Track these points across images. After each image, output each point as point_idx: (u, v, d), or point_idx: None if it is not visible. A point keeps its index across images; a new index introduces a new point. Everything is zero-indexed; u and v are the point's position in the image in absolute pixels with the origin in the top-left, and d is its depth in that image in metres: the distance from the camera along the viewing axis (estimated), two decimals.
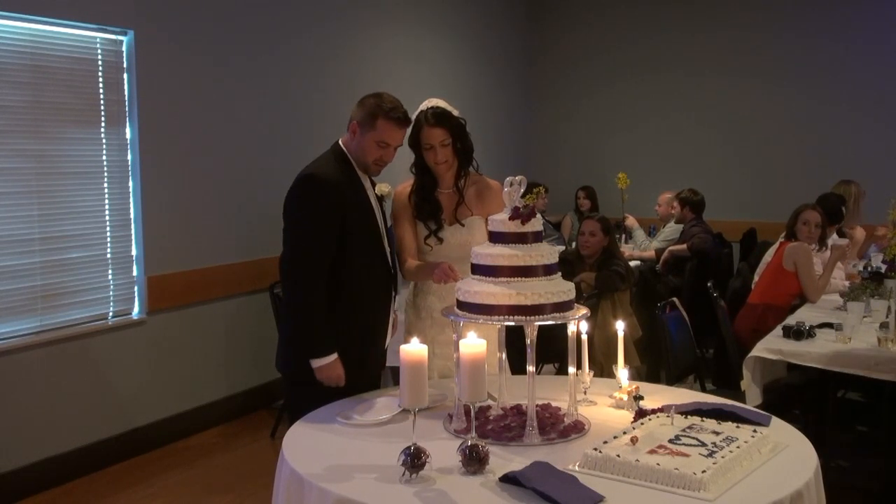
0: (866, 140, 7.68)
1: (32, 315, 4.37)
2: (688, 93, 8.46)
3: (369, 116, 2.85)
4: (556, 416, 2.52)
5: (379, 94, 2.91)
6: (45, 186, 4.41)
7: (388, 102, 2.87)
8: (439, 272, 2.83)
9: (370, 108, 2.86)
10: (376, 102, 2.87)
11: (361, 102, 2.91)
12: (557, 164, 9.08)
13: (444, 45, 7.73)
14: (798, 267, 4.88)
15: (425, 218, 3.10)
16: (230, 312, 5.43)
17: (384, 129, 2.85)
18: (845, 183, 6.44)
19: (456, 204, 3.10)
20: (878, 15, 7.71)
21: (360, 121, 2.87)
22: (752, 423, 2.41)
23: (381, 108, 2.85)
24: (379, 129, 2.85)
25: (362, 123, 2.87)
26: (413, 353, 2.09)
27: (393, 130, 2.87)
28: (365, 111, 2.87)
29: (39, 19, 4.35)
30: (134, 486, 4.46)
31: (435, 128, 3.00)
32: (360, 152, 2.90)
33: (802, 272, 4.87)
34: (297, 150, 5.69)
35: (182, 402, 5.15)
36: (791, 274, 4.89)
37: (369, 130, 2.86)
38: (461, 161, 3.10)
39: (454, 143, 3.04)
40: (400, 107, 2.89)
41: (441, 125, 3.01)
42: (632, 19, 8.74)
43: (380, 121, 2.84)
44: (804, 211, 5.13)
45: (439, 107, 3.04)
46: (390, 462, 2.13)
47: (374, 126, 2.85)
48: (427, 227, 3.09)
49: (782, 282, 4.91)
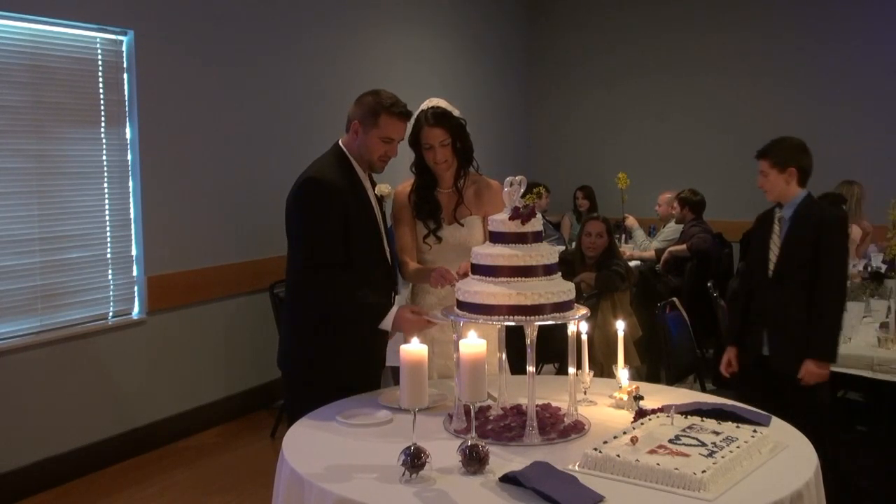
0: (867, 140, 7.67)
1: (32, 315, 4.37)
2: (688, 93, 8.46)
3: (371, 114, 2.85)
4: (556, 416, 2.52)
5: (377, 92, 2.91)
6: (45, 186, 4.41)
7: (388, 98, 2.88)
8: (436, 276, 2.83)
9: (371, 106, 2.86)
10: (376, 100, 2.87)
11: (360, 101, 2.91)
12: (557, 164, 9.08)
13: (443, 44, 7.73)
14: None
15: (424, 217, 3.10)
16: (230, 312, 5.43)
17: (387, 124, 2.86)
18: (848, 183, 6.44)
19: (455, 203, 3.11)
20: (879, 15, 7.71)
21: (362, 119, 2.87)
22: (752, 423, 2.41)
23: (382, 105, 2.85)
24: (382, 125, 2.85)
25: (364, 122, 2.87)
26: (413, 353, 2.09)
27: (396, 125, 2.88)
28: (365, 109, 2.87)
29: (39, 19, 4.35)
30: (134, 486, 4.46)
31: (435, 128, 3.01)
32: (364, 150, 2.90)
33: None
34: (297, 150, 5.69)
35: (182, 402, 5.15)
36: None
37: (372, 128, 2.86)
38: (461, 161, 3.10)
39: (454, 143, 3.04)
40: (399, 101, 2.89)
41: (441, 125, 3.01)
42: (632, 19, 8.74)
43: (382, 117, 2.85)
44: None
45: (440, 107, 3.04)
46: (390, 462, 2.13)
47: (376, 123, 2.85)
48: (426, 226, 3.10)
49: None
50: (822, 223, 3.53)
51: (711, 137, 8.34)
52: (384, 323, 2.80)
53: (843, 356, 3.83)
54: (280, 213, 2.92)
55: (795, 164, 3.57)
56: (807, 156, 3.63)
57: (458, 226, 3.09)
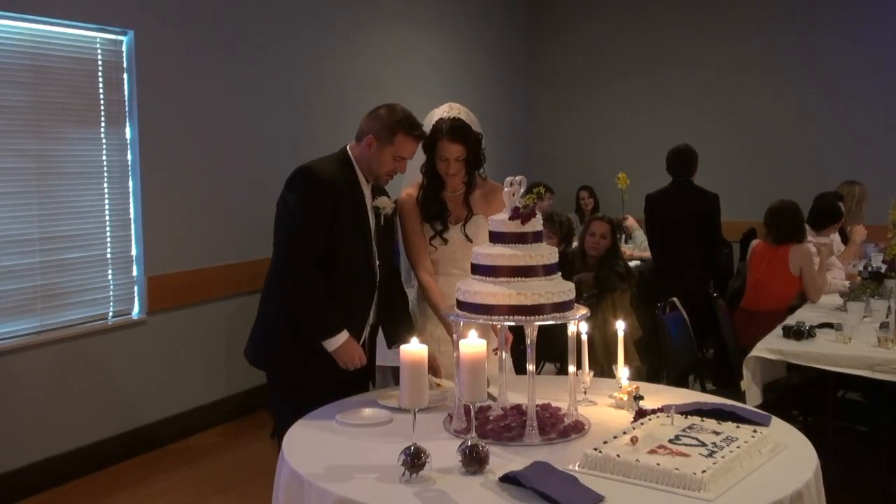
0: (867, 140, 7.68)
1: (32, 315, 4.37)
2: (688, 92, 8.46)
3: (387, 131, 2.85)
4: (556, 416, 2.52)
5: (392, 107, 2.90)
6: (45, 186, 4.41)
7: (407, 118, 2.87)
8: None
9: (388, 123, 2.85)
10: (394, 117, 2.86)
11: (375, 115, 2.90)
12: (557, 164, 9.07)
13: (444, 44, 7.73)
14: (803, 269, 4.85)
15: (431, 219, 3.11)
16: (230, 312, 5.43)
17: (402, 144, 2.87)
18: (849, 184, 6.44)
19: (462, 206, 3.13)
20: (879, 14, 7.71)
21: (377, 134, 2.86)
22: (752, 423, 2.41)
23: (400, 125, 2.85)
24: (397, 144, 2.86)
25: (379, 137, 2.86)
26: (413, 353, 2.09)
27: (411, 146, 2.90)
28: (382, 125, 2.86)
29: (39, 19, 4.34)
30: (134, 485, 4.46)
31: (454, 143, 3.02)
32: (374, 164, 2.90)
33: (806, 274, 4.85)
34: (298, 150, 5.69)
35: (182, 402, 5.15)
36: (796, 278, 4.87)
37: (387, 145, 2.86)
38: (470, 169, 3.12)
39: (468, 157, 3.06)
40: (416, 122, 2.91)
41: (459, 141, 3.02)
42: (631, 19, 8.74)
43: (399, 136, 2.85)
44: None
45: (460, 119, 3.05)
46: (390, 462, 2.13)
47: (392, 141, 2.85)
48: (433, 227, 3.11)
49: (788, 285, 4.88)
50: None
51: (712, 137, 8.33)
52: (329, 342, 2.79)
53: (843, 356, 3.84)
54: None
55: None
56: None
57: (464, 227, 3.10)
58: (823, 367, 3.87)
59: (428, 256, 3.11)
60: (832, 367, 3.84)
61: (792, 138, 8.00)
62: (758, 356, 3.99)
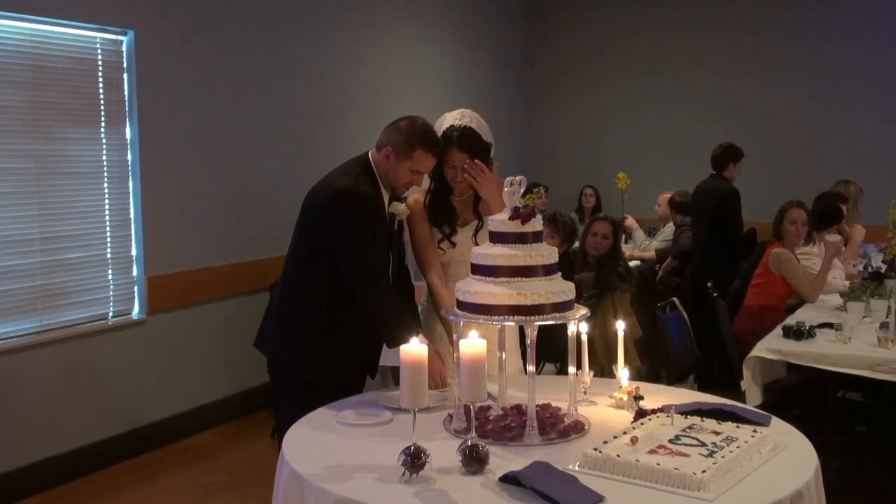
0: (867, 140, 7.68)
1: (32, 315, 4.37)
2: (688, 92, 8.47)
3: (407, 145, 2.84)
4: (556, 416, 2.52)
5: (413, 120, 2.89)
6: (45, 186, 4.41)
7: (426, 133, 2.87)
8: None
9: (408, 137, 2.84)
10: (414, 132, 2.85)
11: (396, 127, 2.89)
12: (557, 164, 9.08)
13: (443, 44, 7.73)
14: (784, 274, 4.85)
15: (440, 223, 3.12)
16: (230, 312, 5.43)
17: (421, 159, 2.87)
18: (844, 183, 6.44)
19: (470, 210, 3.14)
20: (879, 14, 7.72)
21: (396, 147, 2.85)
22: (752, 423, 2.41)
23: (420, 140, 2.84)
24: (416, 159, 2.86)
25: (398, 150, 2.85)
26: (413, 353, 2.09)
27: (430, 161, 2.90)
28: (402, 138, 2.85)
29: (39, 19, 4.35)
30: (134, 486, 4.46)
31: (463, 152, 3.02)
32: (392, 176, 2.90)
33: (790, 278, 4.85)
34: (297, 150, 5.69)
35: (182, 402, 5.15)
36: (778, 277, 4.87)
37: (405, 159, 2.85)
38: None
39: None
40: (437, 139, 2.91)
41: (468, 150, 3.02)
42: (631, 19, 8.75)
43: (418, 151, 2.85)
44: (790, 209, 5.03)
45: (470, 128, 3.05)
46: (390, 462, 2.13)
47: (410, 156, 2.85)
48: (441, 231, 3.12)
49: (772, 284, 4.90)
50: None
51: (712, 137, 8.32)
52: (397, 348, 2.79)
53: (843, 356, 3.84)
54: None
55: None
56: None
57: (476, 236, 3.11)
58: (823, 367, 3.87)
59: (438, 260, 3.12)
60: (832, 367, 3.84)
61: (792, 138, 8.01)
62: (758, 356, 3.99)
